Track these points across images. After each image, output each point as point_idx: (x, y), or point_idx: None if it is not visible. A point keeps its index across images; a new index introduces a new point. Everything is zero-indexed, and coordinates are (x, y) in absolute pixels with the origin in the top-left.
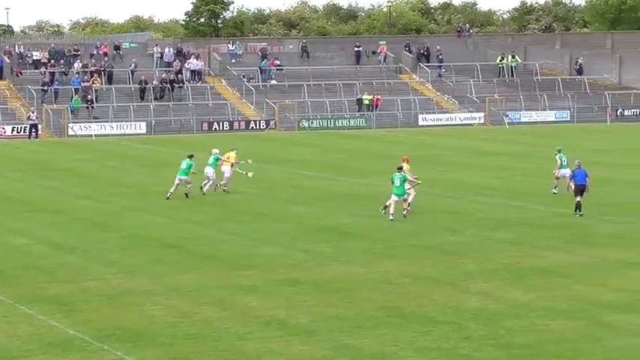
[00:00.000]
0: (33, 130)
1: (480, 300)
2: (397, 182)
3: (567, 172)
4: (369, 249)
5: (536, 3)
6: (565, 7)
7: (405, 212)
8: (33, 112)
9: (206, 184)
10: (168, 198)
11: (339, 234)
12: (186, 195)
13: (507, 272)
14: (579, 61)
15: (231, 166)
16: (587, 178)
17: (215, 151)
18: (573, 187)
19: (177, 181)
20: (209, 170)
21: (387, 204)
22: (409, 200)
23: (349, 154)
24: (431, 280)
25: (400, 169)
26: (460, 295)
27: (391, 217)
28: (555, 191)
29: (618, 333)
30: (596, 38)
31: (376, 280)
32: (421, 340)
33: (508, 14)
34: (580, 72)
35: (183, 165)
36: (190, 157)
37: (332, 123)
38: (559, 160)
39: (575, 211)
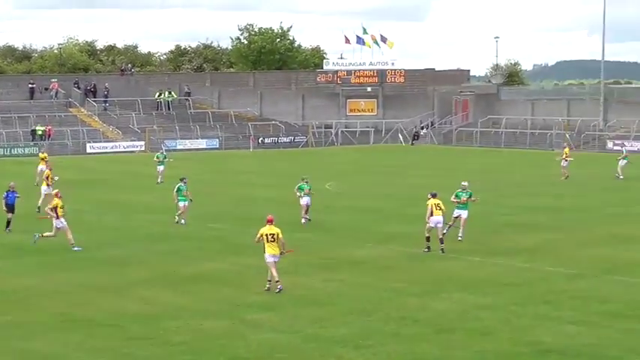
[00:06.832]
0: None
1: (141, 304)
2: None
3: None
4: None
5: (189, 46)
6: (214, 50)
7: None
8: None
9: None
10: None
11: None
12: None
13: (165, 279)
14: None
15: None
16: None
17: None
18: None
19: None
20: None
21: None
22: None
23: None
24: (96, 289)
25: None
26: (123, 301)
27: None
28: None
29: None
30: (241, 77)
31: (50, 291)
32: (89, 342)
33: (165, 56)
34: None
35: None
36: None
37: (8, 151)
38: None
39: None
